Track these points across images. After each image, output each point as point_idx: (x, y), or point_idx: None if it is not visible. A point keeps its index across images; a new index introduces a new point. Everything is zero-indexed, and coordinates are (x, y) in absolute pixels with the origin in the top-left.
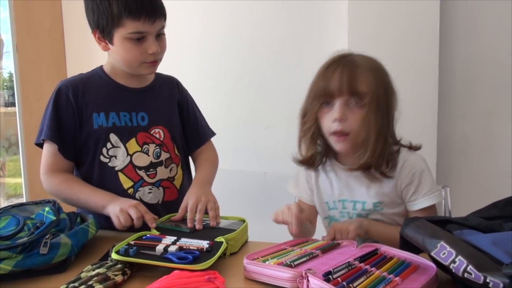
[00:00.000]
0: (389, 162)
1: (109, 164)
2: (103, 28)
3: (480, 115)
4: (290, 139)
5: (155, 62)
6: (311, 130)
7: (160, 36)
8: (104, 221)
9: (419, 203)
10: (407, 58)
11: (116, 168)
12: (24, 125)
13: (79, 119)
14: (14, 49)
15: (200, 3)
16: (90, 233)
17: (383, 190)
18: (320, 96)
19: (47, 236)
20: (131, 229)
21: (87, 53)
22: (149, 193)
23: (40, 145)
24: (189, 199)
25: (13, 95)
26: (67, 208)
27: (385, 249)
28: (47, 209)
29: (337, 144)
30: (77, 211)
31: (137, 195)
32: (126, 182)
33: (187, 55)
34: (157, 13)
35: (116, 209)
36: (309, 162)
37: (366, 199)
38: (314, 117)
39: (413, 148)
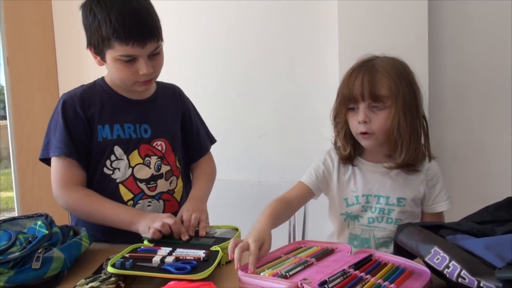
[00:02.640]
0: (422, 156)
1: (112, 176)
2: (95, 46)
3: (470, 121)
4: (283, 148)
5: (149, 82)
6: (344, 130)
7: (154, 56)
8: (100, 234)
9: (441, 206)
10: None
11: (117, 180)
12: (16, 138)
13: (89, 131)
14: (5, 62)
15: (188, 10)
16: (83, 246)
17: (407, 187)
18: (345, 101)
19: (39, 251)
20: (124, 241)
21: (79, 66)
22: (148, 206)
23: (44, 160)
24: (183, 213)
25: (4, 108)
26: (59, 221)
27: (379, 254)
28: (39, 223)
29: (363, 141)
30: (70, 224)
31: (136, 208)
32: (126, 194)
33: (177, 64)
34: (147, 37)
35: (156, 223)
36: (350, 158)
37: (390, 194)
38: (343, 118)
39: (430, 157)
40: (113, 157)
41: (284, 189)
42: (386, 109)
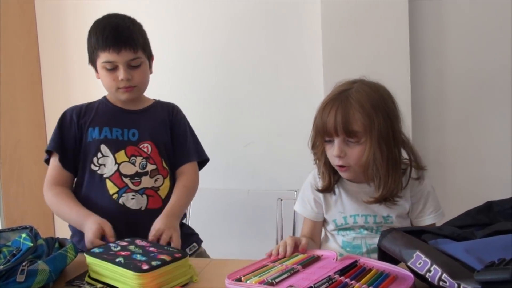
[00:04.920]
0: (401, 184)
1: (98, 171)
2: (91, 59)
3: (453, 127)
4: (271, 156)
5: (129, 88)
6: (323, 158)
7: (134, 67)
8: (83, 246)
9: (425, 220)
10: (380, 75)
11: (104, 176)
12: (0, 150)
13: (80, 135)
14: None
15: (172, 21)
16: (68, 258)
17: (392, 206)
18: (321, 134)
19: (24, 263)
20: None
21: (64, 78)
22: (132, 199)
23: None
24: (153, 230)
25: None
26: (45, 233)
27: (364, 260)
28: (23, 235)
29: (341, 173)
30: (55, 237)
31: (120, 200)
32: (112, 188)
33: (161, 73)
34: (122, 44)
35: (88, 236)
36: (329, 189)
37: (377, 213)
38: (321, 149)
39: (420, 167)
40: (99, 155)
41: (273, 197)
42: (361, 143)
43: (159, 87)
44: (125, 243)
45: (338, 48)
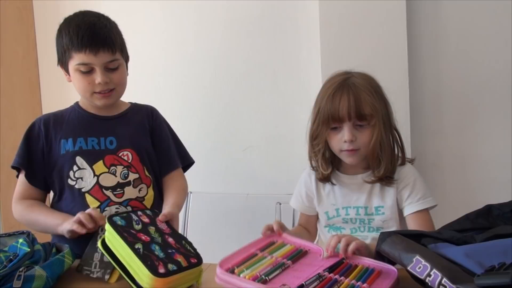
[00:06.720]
0: (396, 167)
1: (76, 186)
2: (61, 61)
3: (451, 130)
4: (270, 160)
5: (107, 94)
6: (322, 150)
7: (112, 70)
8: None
9: (413, 207)
10: (379, 78)
11: (83, 190)
12: None
13: (47, 148)
14: None
15: (172, 26)
16: (66, 263)
17: (383, 195)
18: (329, 121)
19: (21, 269)
20: None
21: (62, 82)
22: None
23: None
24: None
25: None
26: (42, 239)
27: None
28: (20, 240)
29: (347, 158)
30: (52, 242)
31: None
32: (93, 203)
33: (159, 77)
34: (100, 45)
35: (70, 222)
36: (328, 178)
37: (368, 204)
38: (324, 139)
39: (409, 161)
40: (75, 168)
41: (272, 201)
42: (369, 126)
43: (156, 91)
44: (147, 220)
45: (336, 51)
